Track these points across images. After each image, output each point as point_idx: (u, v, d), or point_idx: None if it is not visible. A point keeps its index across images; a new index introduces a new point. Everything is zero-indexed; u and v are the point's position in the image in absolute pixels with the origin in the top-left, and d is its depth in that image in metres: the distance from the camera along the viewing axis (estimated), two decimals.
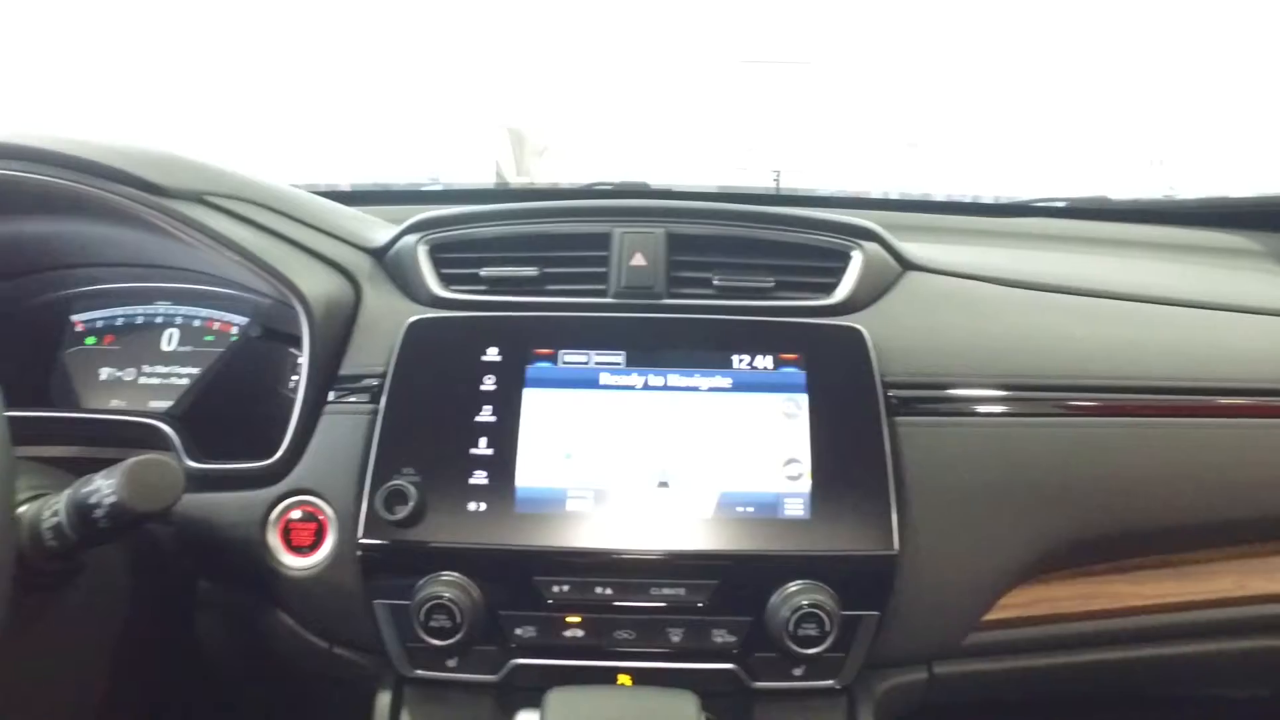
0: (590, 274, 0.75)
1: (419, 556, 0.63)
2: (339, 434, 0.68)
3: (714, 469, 0.66)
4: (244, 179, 0.79)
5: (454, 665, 0.65)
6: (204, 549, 0.69)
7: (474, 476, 0.64)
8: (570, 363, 0.69)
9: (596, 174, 1.34)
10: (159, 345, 0.88)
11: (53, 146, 0.70)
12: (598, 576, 0.63)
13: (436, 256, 0.76)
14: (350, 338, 0.72)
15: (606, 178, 1.25)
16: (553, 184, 2.60)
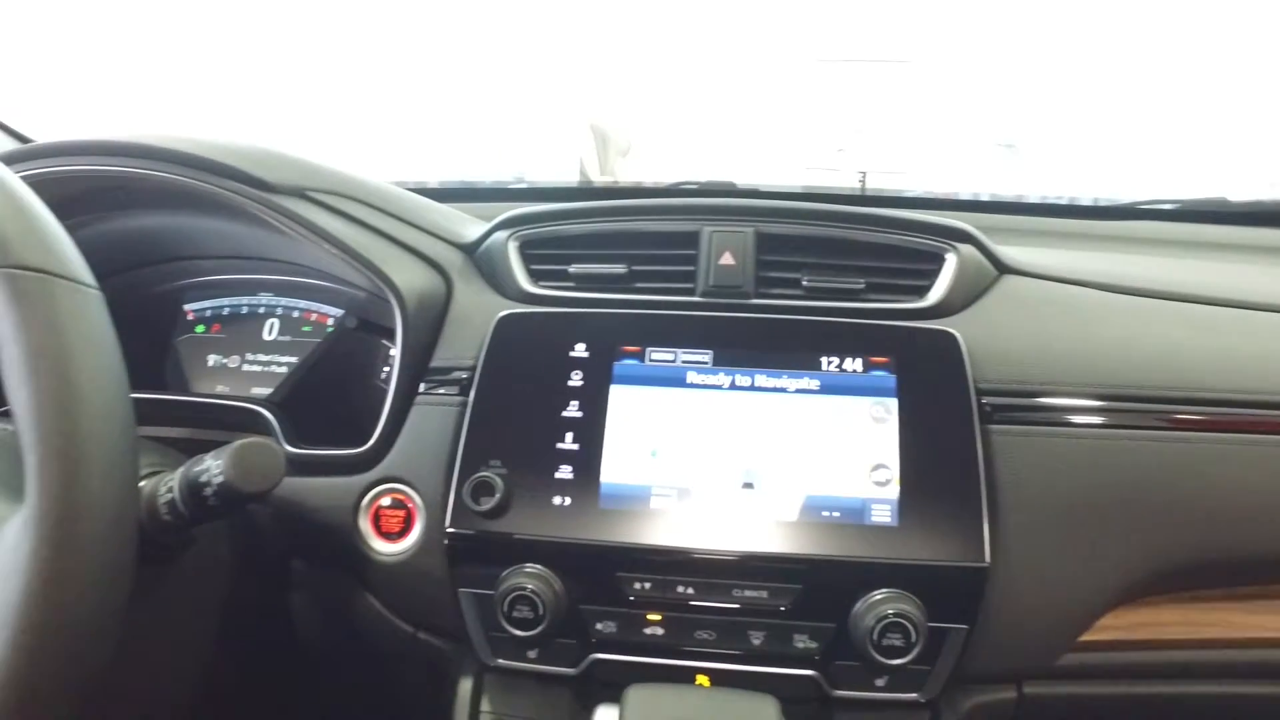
0: (678, 272, 0.75)
1: (503, 547, 0.64)
2: (429, 425, 0.70)
3: (799, 471, 0.65)
4: (343, 175, 0.82)
5: (534, 656, 0.66)
6: (298, 531, 0.72)
7: (559, 471, 0.65)
8: (657, 360, 0.69)
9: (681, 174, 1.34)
10: (261, 334, 0.92)
11: (171, 145, 0.74)
12: (679, 575, 0.63)
13: (526, 253, 0.77)
14: (441, 331, 0.74)
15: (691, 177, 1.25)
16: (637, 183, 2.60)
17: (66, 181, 0.74)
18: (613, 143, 5.11)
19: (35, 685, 0.40)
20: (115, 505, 0.43)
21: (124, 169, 0.73)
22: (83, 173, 0.73)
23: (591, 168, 4.56)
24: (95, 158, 0.74)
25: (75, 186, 0.75)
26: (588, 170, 4.51)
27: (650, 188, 1.43)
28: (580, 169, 4.59)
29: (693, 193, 1.20)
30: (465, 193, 1.28)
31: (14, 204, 0.47)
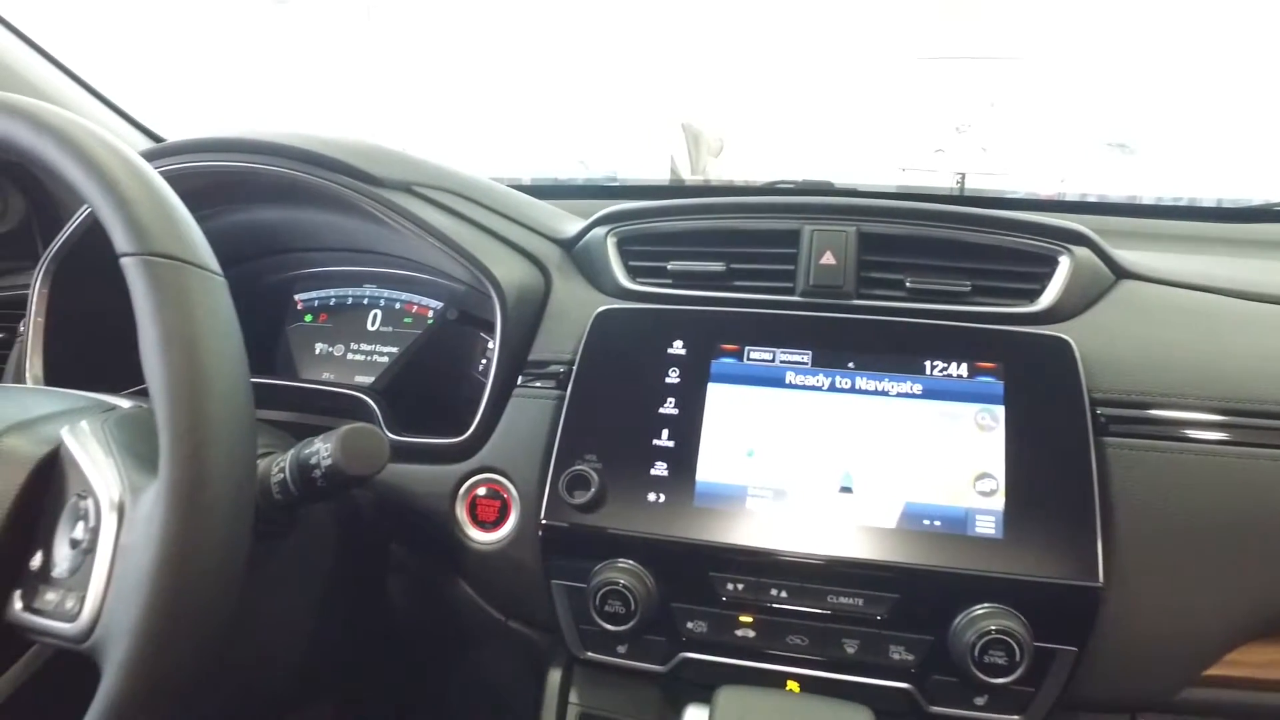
0: (778, 271, 0.74)
1: (597, 541, 0.64)
2: (526, 417, 0.71)
3: (899, 478, 0.63)
4: (446, 170, 0.84)
5: (624, 652, 0.66)
6: (397, 516, 0.74)
7: (655, 467, 0.65)
8: (756, 360, 0.68)
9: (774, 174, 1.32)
10: (365, 325, 0.95)
11: (289, 142, 0.77)
12: (773, 578, 0.62)
13: (624, 249, 0.78)
14: (539, 325, 0.75)
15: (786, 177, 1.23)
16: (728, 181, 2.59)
17: (194, 176, 0.78)
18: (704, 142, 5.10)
19: (168, 643, 0.42)
20: (237, 481, 0.45)
21: (247, 164, 0.77)
22: (209, 168, 0.77)
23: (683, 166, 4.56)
24: (221, 154, 0.77)
25: (202, 181, 0.79)
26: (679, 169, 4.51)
27: (746, 186, 1.42)
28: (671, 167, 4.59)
29: (791, 191, 1.19)
30: (557, 190, 1.30)
31: (153, 196, 0.49)
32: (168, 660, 0.42)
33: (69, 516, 0.48)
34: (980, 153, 4.00)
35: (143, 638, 0.42)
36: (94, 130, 0.51)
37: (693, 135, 5.55)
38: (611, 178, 3.37)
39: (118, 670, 0.42)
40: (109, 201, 0.48)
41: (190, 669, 0.43)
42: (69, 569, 0.47)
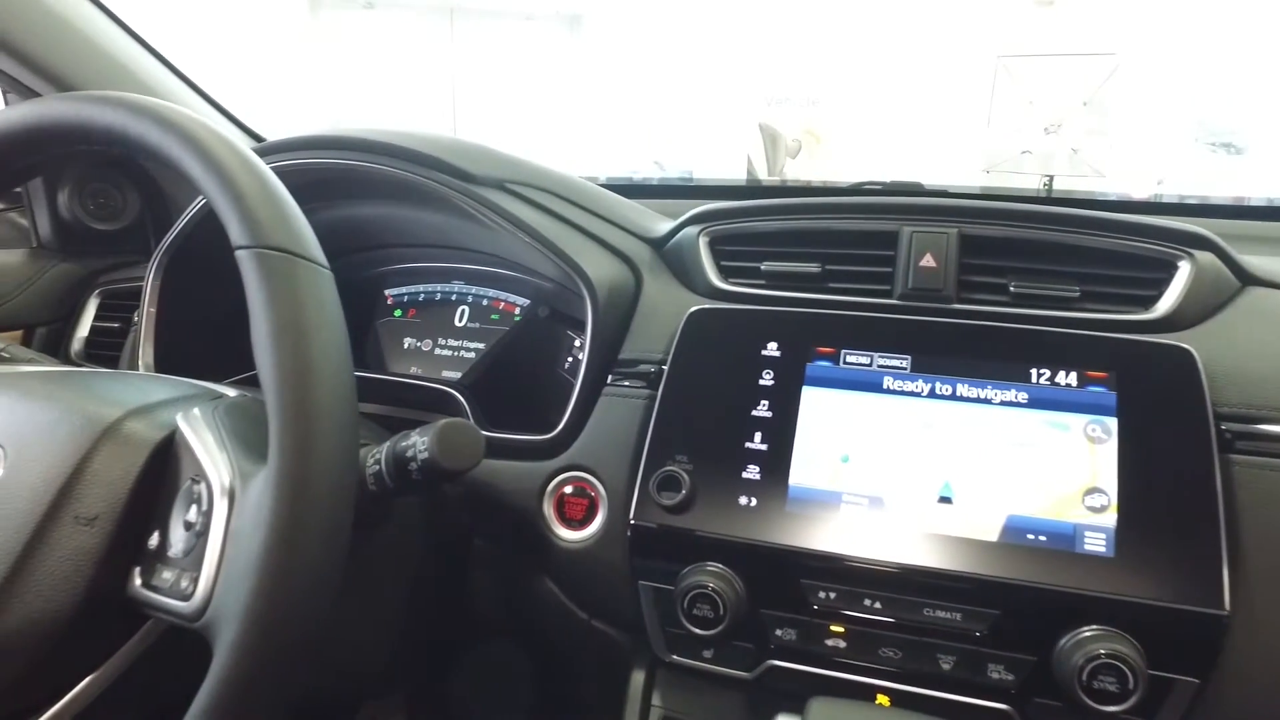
0: (875, 273, 0.72)
1: (687, 543, 0.63)
2: (615, 416, 0.71)
3: (1002, 489, 0.60)
4: (538, 168, 0.84)
5: (709, 656, 0.65)
6: (483, 511, 0.74)
7: (747, 470, 0.64)
8: (852, 364, 0.66)
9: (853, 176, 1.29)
10: (452, 321, 0.96)
11: (388, 140, 0.78)
12: (867, 588, 0.60)
13: (716, 248, 0.77)
14: (630, 323, 0.75)
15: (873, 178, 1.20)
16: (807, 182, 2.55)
17: (298, 173, 0.80)
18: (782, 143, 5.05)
19: (275, 626, 0.43)
20: (341, 471, 0.46)
21: (348, 162, 0.79)
22: (312, 165, 0.79)
23: (759, 167, 4.53)
24: (323, 151, 0.79)
25: (304, 178, 0.81)
26: (755, 169, 4.48)
27: (833, 186, 1.39)
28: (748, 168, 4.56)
29: (881, 191, 1.16)
30: (633, 189, 1.29)
31: (267, 192, 0.51)
32: (275, 642, 0.43)
33: (184, 499, 0.50)
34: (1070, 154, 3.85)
35: (251, 620, 0.43)
36: (213, 129, 0.53)
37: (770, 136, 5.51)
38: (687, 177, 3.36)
39: (229, 650, 0.43)
40: (226, 196, 0.49)
41: (296, 651, 0.44)
42: (183, 550, 0.48)
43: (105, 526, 0.50)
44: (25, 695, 0.50)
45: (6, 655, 0.48)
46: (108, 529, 0.50)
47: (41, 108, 0.56)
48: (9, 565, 0.48)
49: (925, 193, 1.12)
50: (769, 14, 5.87)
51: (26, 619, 0.48)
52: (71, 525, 0.49)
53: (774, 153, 5.36)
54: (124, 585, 0.50)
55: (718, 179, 2.71)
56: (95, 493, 0.50)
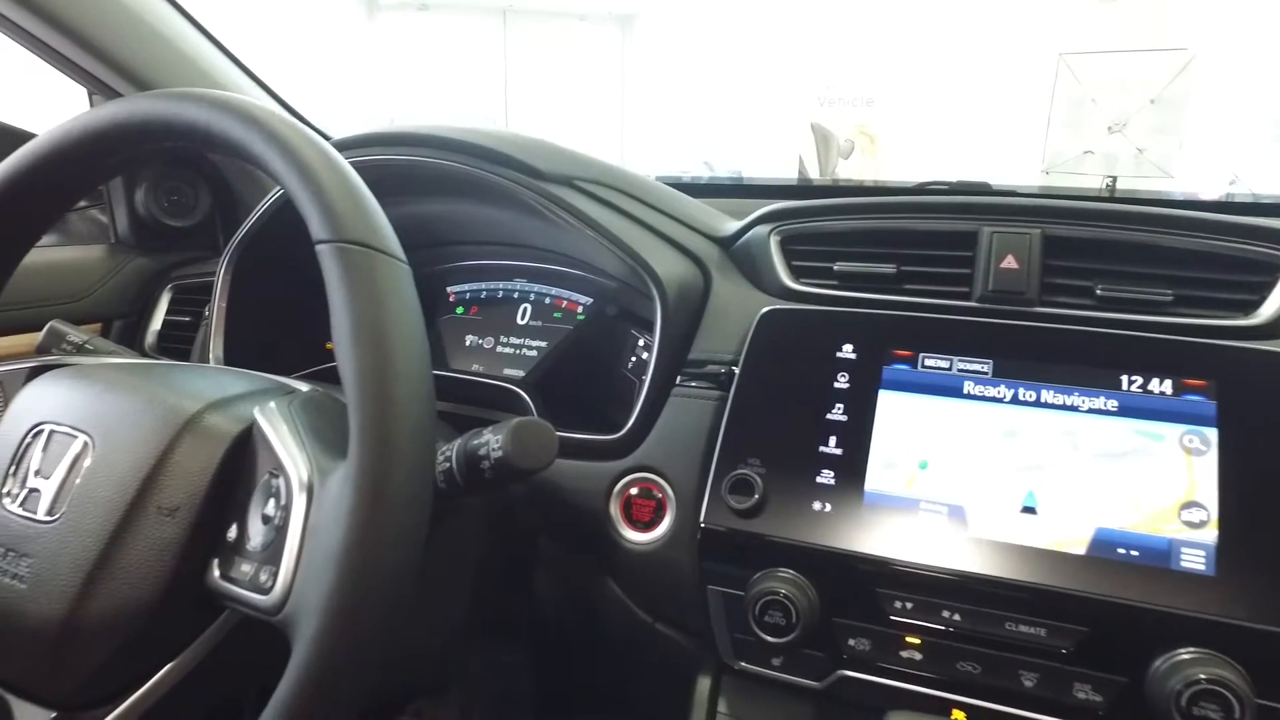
0: (952, 275, 0.70)
1: (758, 548, 0.62)
2: (685, 417, 0.70)
3: (1090, 501, 0.58)
4: (606, 166, 0.84)
5: (778, 664, 0.64)
6: (549, 510, 0.74)
7: (821, 475, 0.62)
8: (931, 367, 0.64)
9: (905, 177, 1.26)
10: (514, 318, 0.96)
11: (460, 136, 0.78)
12: (946, 599, 0.58)
13: (787, 248, 0.75)
14: (699, 323, 0.74)
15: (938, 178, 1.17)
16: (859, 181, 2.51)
17: (368, 169, 0.80)
18: (834, 143, 4.98)
19: (354, 622, 0.43)
20: (419, 468, 0.46)
21: (418, 158, 0.79)
22: (383, 162, 0.80)
23: (811, 167, 4.47)
24: (394, 148, 0.80)
25: (375, 174, 0.81)
26: (807, 170, 4.42)
27: (897, 186, 1.36)
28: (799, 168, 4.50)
29: (949, 191, 1.13)
30: (684, 189, 1.28)
31: (345, 185, 0.51)
32: (354, 637, 0.43)
33: (262, 493, 0.50)
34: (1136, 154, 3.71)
35: (331, 615, 0.42)
36: (294, 123, 0.53)
37: (822, 136, 5.45)
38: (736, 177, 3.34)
39: (308, 645, 0.43)
40: (307, 190, 0.49)
41: (374, 646, 0.44)
42: (262, 543, 0.49)
43: (186, 517, 0.50)
44: (111, 680, 0.51)
45: (95, 640, 0.49)
46: (188, 520, 0.50)
47: (130, 105, 0.57)
48: (98, 552, 0.49)
49: (996, 192, 1.09)
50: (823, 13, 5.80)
51: (113, 605, 0.49)
52: (155, 515, 0.50)
53: (826, 153, 5.30)
54: (203, 576, 0.51)
55: (769, 178, 2.68)
56: (176, 484, 0.51)
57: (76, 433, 0.53)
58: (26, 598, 0.50)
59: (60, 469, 0.52)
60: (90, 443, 0.53)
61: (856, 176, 5.54)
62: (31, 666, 0.52)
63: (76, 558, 0.50)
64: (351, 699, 0.43)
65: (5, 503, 0.53)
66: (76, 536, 0.50)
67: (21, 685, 0.53)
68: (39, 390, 0.58)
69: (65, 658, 0.50)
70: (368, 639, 0.43)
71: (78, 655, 0.50)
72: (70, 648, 0.50)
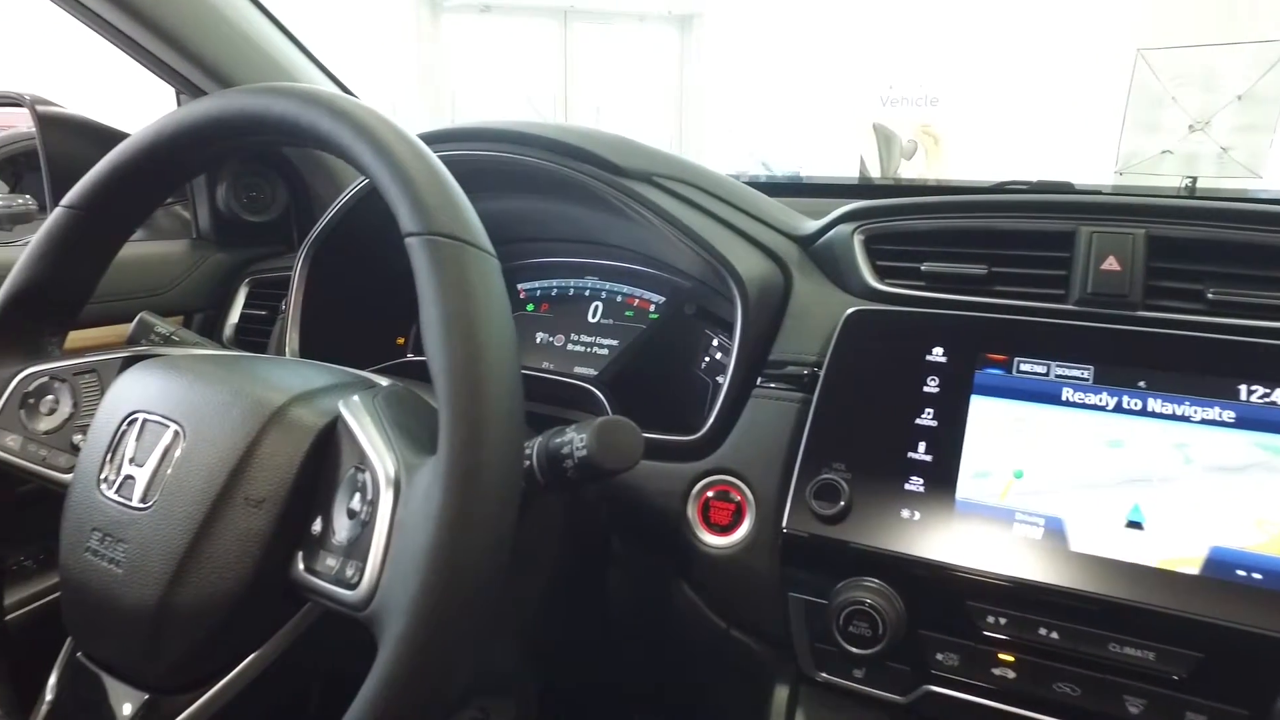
0: (1047, 276, 0.66)
1: (844, 556, 0.60)
2: (765, 419, 0.68)
3: (1204, 518, 0.55)
4: (684, 162, 0.82)
5: (861, 676, 0.62)
6: (625, 510, 0.73)
7: (910, 482, 0.60)
8: (1026, 373, 0.61)
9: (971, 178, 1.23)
10: (585, 316, 0.95)
11: (541, 132, 0.78)
12: (1043, 616, 0.55)
13: (872, 247, 0.73)
14: (780, 324, 0.72)
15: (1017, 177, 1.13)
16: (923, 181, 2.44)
17: (449, 164, 0.80)
18: (896, 144, 4.90)
19: (443, 622, 0.42)
20: (508, 465, 0.45)
21: (498, 153, 0.78)
22: (463, 157, 0.80)
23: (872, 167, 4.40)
24: (477, 143, 0.80)
25: (454, 169, 0.81)
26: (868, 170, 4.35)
27: (969, 185, 1.32)
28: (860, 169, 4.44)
29: (1028, 190, 1.09)
30: None
31: (435, 178, 0.50)
32: (442, 637, 0.42)
33: (347, 487, 0.50)
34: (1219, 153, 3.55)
35: (420, 614, 0.42)
36: (383, 117, 0.53)
37: (884, 137, 5.35)
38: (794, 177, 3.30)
39: (396, 643, 0.42)
40: (396, 183, 0.49)
41: (463, 646, 0.43)
42: (347, 538, 0.48)
43: (272, 509, 0.50)
44: (199, 667, 0.51)
45: (186, 627, 0.50)
46: (274, 512, 0.50)
47: (224, 100, 0.57)
48: (188, 541, 0.50)
49: (1082, 192, 1.05)
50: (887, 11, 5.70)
51: (202, 593, 0.49)
52: (242, 506, 0.50)
53: (888, 154, 5.22)
54: (287, 568, 0.51)
55: (828, 177, 2.62)
56: (263, 476, 0.51)
57: (168, 422, 0.54)
58: (122, 582, 0.51)
59: (153, 458, 0.53)
60: (181, 432, 0.53)
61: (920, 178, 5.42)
62: (127, 649, 0.52)
63: (168, 545, 0.50)
64: (438, 698, 0.43)
65: (103, 488, 0.54)
66: (168, 524, 0.51)
67: (117, 667, 0.54)
68: (133, 379, 0.59)
69: (158, 642, 0.50)
70: (457, 640, 0.43)
71: (169, 641, 0.50)
72: (162, 633, 0.50)
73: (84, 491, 0.55)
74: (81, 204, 0.62)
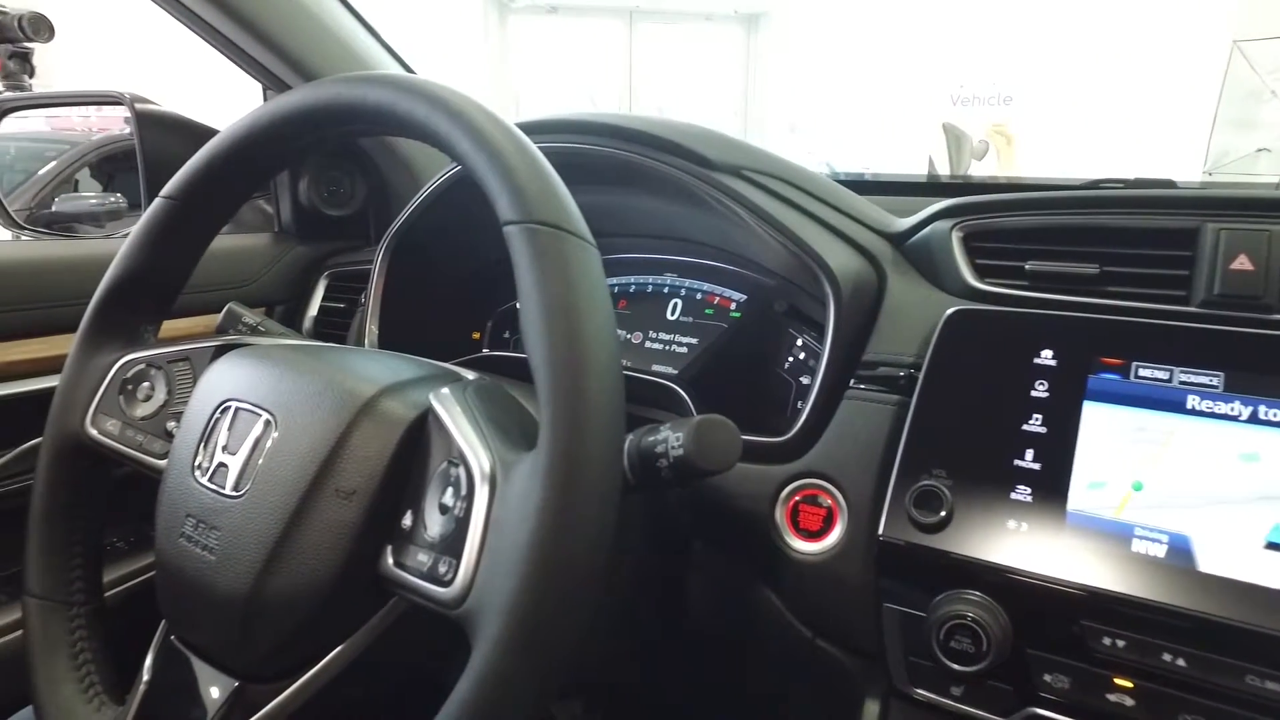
0: (1167, 276, 0.62)
1: (944, 567, 0.57)
2: (859, 422, 0.65)
3: None
4: (772, 156, 0.80)
5: (959, 694, 0.59)
6: (709, 513, 0.71)
7: (1016, 491, 0.57)
8: (1146, 378, 0.58)
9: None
10: (664, 313, 0.94)
11: (631, 124, 0.77)
12: (1168, 640, 0.52)
13: (971, 245, 0.70)
14: (874, 323, 0.69)
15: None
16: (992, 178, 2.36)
17: None
18: (967, 143, 4.78)
19: (542, 623, 0.41)
20: (610, 463, 0.44)
21: (587, 146, 0.77)
22: (553, 148, 0.79)
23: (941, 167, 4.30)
24: (566, 135, 0.79)
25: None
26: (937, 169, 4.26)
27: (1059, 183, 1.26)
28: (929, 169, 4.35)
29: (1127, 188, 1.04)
30: None
31: (534, 166, 0.49)
32: (541, 640, 0.41)
33: (439, 481, 0.49)
34: None
35: (518, 616, 0.41)
36: (480, 105, 0.52)
37: (954, 136, 5.22)
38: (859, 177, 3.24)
39: (493, 645, 0.41)
40: (495, 171, 0.48)
41: (562, 650, 0.42)
42: (440, 534, 0.47)
43: (362, 502, 0.50)
44: (287, 657, 0.51)
45: (276, 616, 0.50)
46: (364, 504, 0.50)
47: (316, 91, 0.57)
48: (280, 531, 0.49)
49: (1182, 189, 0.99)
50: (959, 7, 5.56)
51: (292, 584, 0.49)
52: (332, 498, 0.50)
53: (958, 154, 5.09)
54: (375, 562, 0.50)
55: (896, 175, 2.55)
56: (353, 468, 0.50)
57: (260, 411, 0.54)
58: (216, 569, 0.51)
59: (245, 446, 0.53)
60: (272, 421, 0.53)
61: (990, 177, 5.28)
62: (219, 636, 0.53)
63: (260, 534, 0.50)
64: (535, 703, 0.42)
65: (196, 475, 0.54)
66: (260, 513, 0.51)
67: (209, 652, 0.54)
68: (225, 368, 0.59)
69: (249, 631, 0.50)
70: (555, 643, 0.41)
71: (260, 630, 0.50)
72: (253, 622, 0.50)
73: (179, 478, 0.56)
74: (179, 194, 0.63)
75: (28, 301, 0.89)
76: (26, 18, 1.61)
